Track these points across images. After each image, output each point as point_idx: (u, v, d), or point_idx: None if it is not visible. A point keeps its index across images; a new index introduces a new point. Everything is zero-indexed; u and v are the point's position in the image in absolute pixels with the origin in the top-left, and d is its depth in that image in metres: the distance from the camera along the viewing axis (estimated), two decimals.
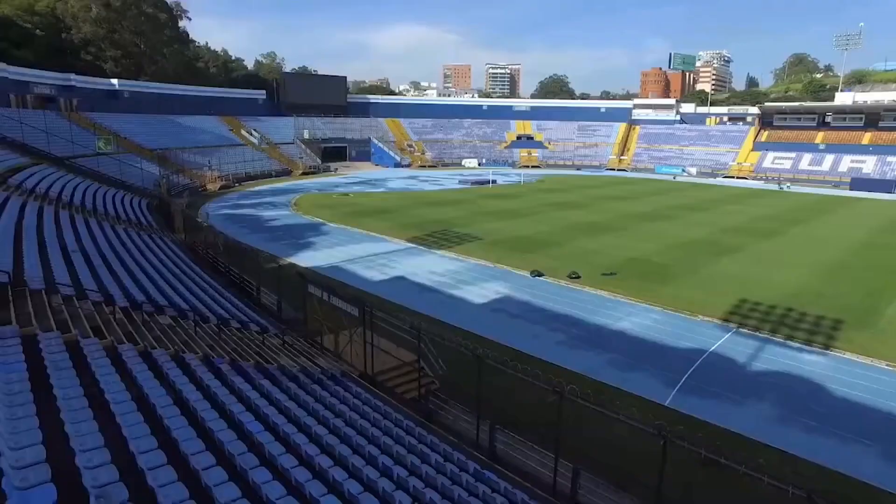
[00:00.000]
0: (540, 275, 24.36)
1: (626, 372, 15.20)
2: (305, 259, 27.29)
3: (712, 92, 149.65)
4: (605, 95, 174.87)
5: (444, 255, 28.44)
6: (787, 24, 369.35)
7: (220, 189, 55.11)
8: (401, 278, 23.99)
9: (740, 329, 18.49)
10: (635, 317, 19.62)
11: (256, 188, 56.82)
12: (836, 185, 67.00)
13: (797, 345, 17.18)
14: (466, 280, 23.77)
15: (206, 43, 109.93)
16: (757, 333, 18.10)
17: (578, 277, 23.80)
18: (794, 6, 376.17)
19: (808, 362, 15.95)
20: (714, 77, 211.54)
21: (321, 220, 38.05)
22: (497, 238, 32.15)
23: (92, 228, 21.91)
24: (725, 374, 15.19)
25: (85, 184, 35.41)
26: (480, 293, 21.97)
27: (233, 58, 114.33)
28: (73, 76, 60.45)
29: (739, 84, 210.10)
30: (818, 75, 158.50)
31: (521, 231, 34.43)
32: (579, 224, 37.28)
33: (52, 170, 35.99)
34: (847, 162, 71.59)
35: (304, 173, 70.66)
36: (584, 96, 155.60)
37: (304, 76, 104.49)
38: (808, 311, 20.02)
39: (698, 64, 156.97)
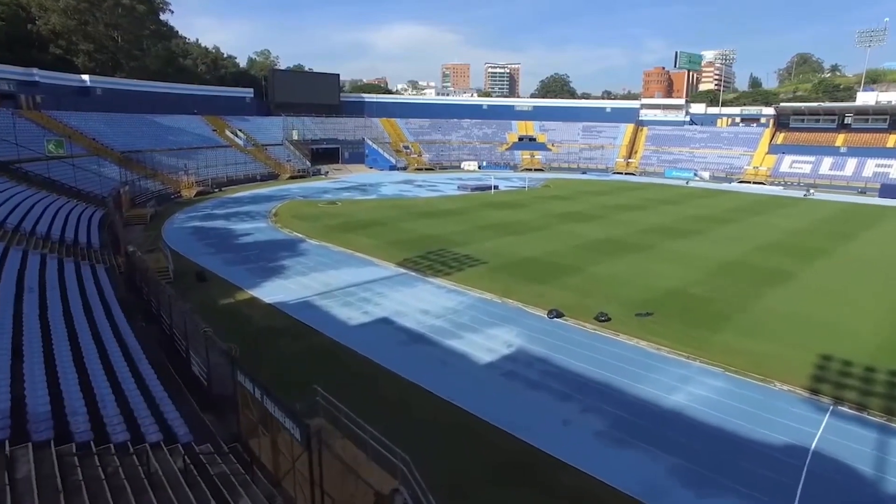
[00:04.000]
0: (560, 315, 19.56)
1: (702, 496, 10.38)
2: (272, 291, 22.43)
3: (722, 90, 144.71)
4: (607, 95, 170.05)
5: (440, 284, 23.59)
6: (786, 25, 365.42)
7: (196, 195, 50.31)
8: (384, 321, 19.10)
9: (838, 406, 13.70)
10: (692, 384, 14.82)
11: (236, 194, 52.02)
12: (863, 192, 62.36)
13: None
14: (467, 324, 18.93)
15: (197, 40, 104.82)
16: (865, 415, 13.30)
17: (608, 320, 18.99)
18: (793, 6, 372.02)
19: None
20: (717, 77, 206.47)
21: (301, 236, 33.18)
22: (502, 261, 27.31)
23: None
24: (851, 496, 10.40)
25: (23, 194, 30.50)
26: (486, 345, 17.13)
27: (224, 55, 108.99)
28: (36, 71, 55.26)
29: (742, 84, 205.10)
30: (825, 75, 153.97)
31: (529, 251, 29.60)
32: (595, 241, 32.47)
33: None
34: (871, 166, 67.05)
35: (292, 177, 65.96)
36: (586, 96, 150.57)
37: (294, 73, 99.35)
38: None
39: (702, 63, 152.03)
